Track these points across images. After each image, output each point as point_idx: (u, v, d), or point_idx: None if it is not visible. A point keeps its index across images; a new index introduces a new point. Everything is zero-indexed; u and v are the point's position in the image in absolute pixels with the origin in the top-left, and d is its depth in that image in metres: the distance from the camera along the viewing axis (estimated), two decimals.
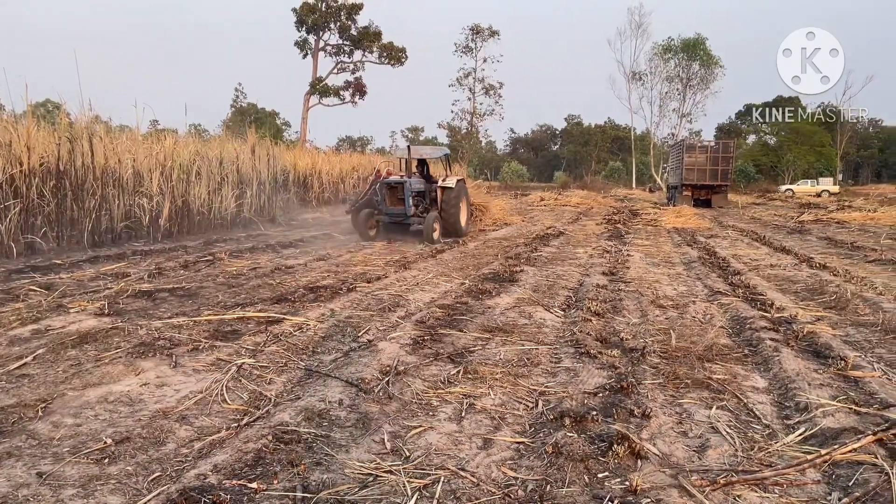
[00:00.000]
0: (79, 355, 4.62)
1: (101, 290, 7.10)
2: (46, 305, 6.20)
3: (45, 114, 18.22)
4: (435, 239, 12.77)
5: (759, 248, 12.57)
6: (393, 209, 13.12)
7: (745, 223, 19.99)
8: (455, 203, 13.65)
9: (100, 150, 11.95)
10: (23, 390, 3.88)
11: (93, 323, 5.54)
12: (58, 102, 13.80)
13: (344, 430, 3.43)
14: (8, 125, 10.79)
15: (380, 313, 6.29)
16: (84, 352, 4.71)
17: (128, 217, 12.32)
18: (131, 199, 12.45)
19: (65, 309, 6.08)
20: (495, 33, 65.13)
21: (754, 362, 4.91)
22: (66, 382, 4.03)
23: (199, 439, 3.28)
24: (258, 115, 67.47)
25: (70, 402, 3.70)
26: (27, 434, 3.26)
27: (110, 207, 11.86)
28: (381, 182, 13.32)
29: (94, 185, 11.52)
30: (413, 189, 13.10)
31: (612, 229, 16.73)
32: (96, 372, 4.24)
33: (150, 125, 27.64)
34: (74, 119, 12.22)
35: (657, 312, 6.61)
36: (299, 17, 47.60)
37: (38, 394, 3.81)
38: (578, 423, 3.51)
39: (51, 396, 3.75)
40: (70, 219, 11.04)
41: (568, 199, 32.34)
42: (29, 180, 10.26)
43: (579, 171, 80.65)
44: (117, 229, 11.98)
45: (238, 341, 5.09)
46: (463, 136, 68.52)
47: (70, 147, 11.18)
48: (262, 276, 8.40)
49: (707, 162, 28.82)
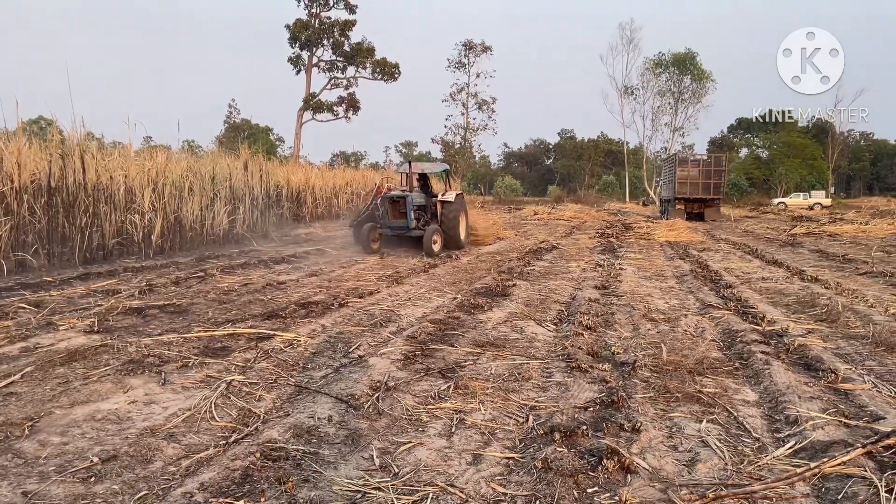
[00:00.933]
0: (67, 373, 4.59)
1: (92, 307, 7.07)
2: (35, 323, 6.17)
3: (38, 130, 18.22)
4: (435, 252, 13.12)
5: (752, 262, 12.61)
6: (395, 223, 13.50)
7: (738, 236, 20.06)
8: (455, 217, 14.07)
9: (92, 166, 11.94)
10: (10, 409, 3.85)
11: (82, 340, 5.52)
12: (50, 119, 13.81)
13: (333, 447, 3.41)
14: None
15: (371, 329, 6.27)
16: (72, 369, 4.68)
17: (119, 234, 12.29)
18: (123, 215, 12.42)
19: (54, 326, 6.05)
20: (488, 49, 65.64)
21: (745, 375, 4.91)
22: (53, 400, 4.00)
23: (187, 457, 3.25)
24: (252, 130, 67.69)
25: (57, 420, 3.67)
26: (13, 453, 3.23)
27: (102, 224, 11.83)
28: (384, 196, 13.73)
29: (86, 202, 11.50)
30: (414, 203, 13.56)
31: (605, 243, 16.76)
32: (84, 390, 4.21)
33: (142, 141, 27.71)
34: (67, 136, 12.22)
35: (649, 326, 6.61)
36: (292, 33, 47.83)
37: (25, 412, 3.78)
38: (568, 438, 3.50)
39: (38, 415, 3.73)
40: (61, 236, 11.01)
41: (561, 213, 32.44)
42: (20, 197, 10.24)
43: (573, 185, 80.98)
44: (109, 246, 11.94)
45: (228, 358, 5.07)
46: (456, 150, 68.74)
47: (62, 164, 11.17)
48: (254, 292, 8.38)
49: (700, 175, 28.97)
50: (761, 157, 73.68)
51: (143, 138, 26.61)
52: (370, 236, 13.61)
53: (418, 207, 13.86)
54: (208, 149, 38.57)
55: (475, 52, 65.94)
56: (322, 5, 48.16)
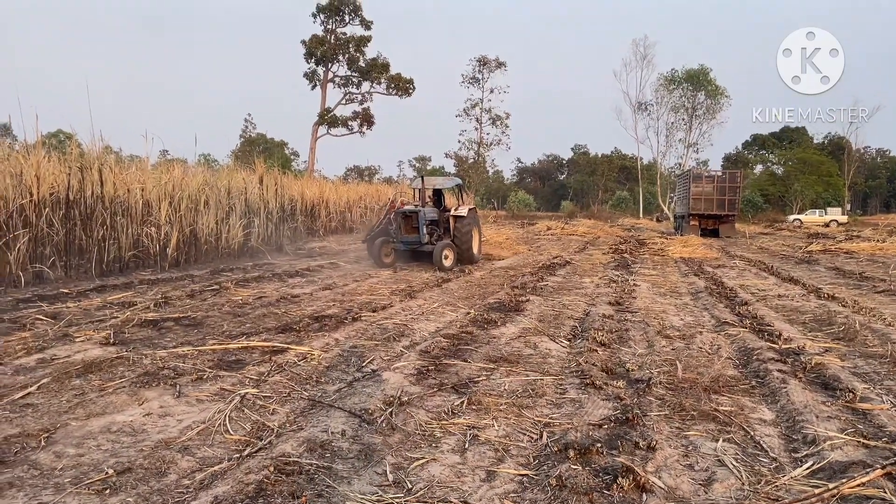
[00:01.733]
0: (83, 385, 4.62)
1: (108, 319, 7.13)
2: (52, 335, 6.22)
3: (58, 144, 18.45)
4: (447, 266, 13.13)
5: (767, 279, 12.51)
6: (408, 237, 13.61)
7: (753, 253, 19.92)
8: (467, 231, 14.07)
9: (109, 179, 12.07)
10: (26, 420, 3.88)
11: (98, 352, 5.55)
12: (69, 133, 13.98)
13: (346, 462, 3.41)
14: (18, 156, 10.93)
15: (384, 343, 6.27)
16: (88, 381, 4.71)
17: (136, 246, 12.39)
18: (139, 228, 12.53)
19: (70, 338, 6.09)
20: (502, 65, 66.04)
21: (762, 394, 4.87)
22: (69, 412, 4.03)
23: (201, 470, 3.26)
24: (267, 144, 68.28)
25: (73, 431, 3.69)
26: (29, 464, 3.25)
27: (118, 237, 11.94)
28: (396, 211, 13.86)
29: (103, 215, 11.61)
30: (427, 218, 13.66)
31: (619, 259, 16.70)
32: (100, 401, 4.24)
33: (159, 155, 27.98)
34: (85, 149, 12.36)
35: (663, 343, 6.57)
36: (309, 49, 48.36)
37: (41, 423, 3.80)
38: (583, 456, 3.47)
39: (54, 426, 3.75)
40: (78, 248, 11.12)
41: (575, 228, 32.36)
42: (39, 210, 10.35)
43: (586, 201, 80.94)
44: (125, 258, 12.04)
45: (242, 371, 5.08)
46: (470, 165, 68.95)
47: (80, 177, 11.29)
48: (268, 305, 8.41)
49: (714, 192, 28.82)
50: (776, 173, 73.35)
51: (160, 152, 26.95)
52: (382, 251, 13.76)
53: (431, 222, 13.94)
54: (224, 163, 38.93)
55: (489, 68, 66.40)
56: (338, 22, 48.67)
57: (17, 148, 12.02)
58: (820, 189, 65.12)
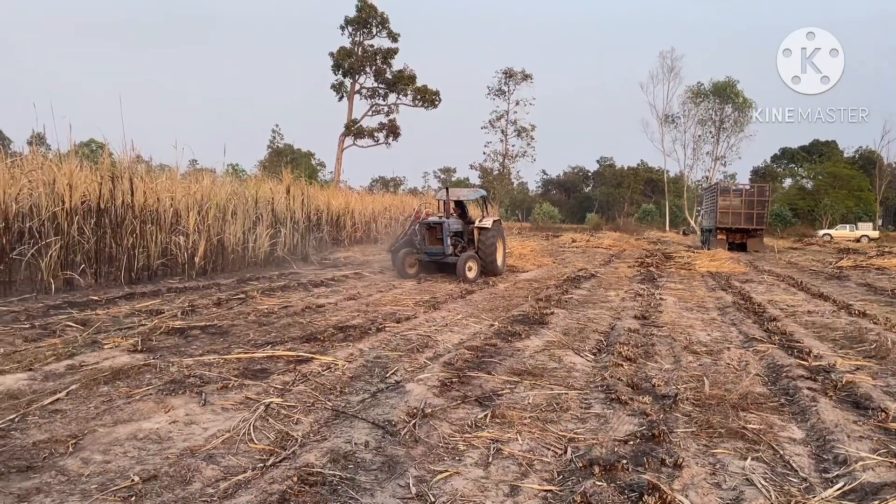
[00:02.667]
0: (111, 391, 4.68)
1: (136, 326, 7.22)
2: (81, 341, 6.31)
3: (90, 153, 18.79)
4: (470, 278, 13.11)
5: (796, 294, 12.31)
6: (432, 248, 13.63)
7: (782, 268, 19.63)
8: (492, 243, 13.96)
9: (140, 188, 12.26)
10: (55, 426, 3.93)
11: (126, 359, 5.62)
12: (101, 142, 14.23)
13: (369, 473, 3.40)
14: (52, 165, 11.15)
15: (408, 354, 6.27)
16: (116, 388, 4.77)
17: (164, 255, 12.56)
18: (168, 237, 12.70)
19: (99, 345, 6.18)
20: (528, 77, 66.07)
21: (791, 412, 4.78)
22: (97, 419, 4.08)
23: (226, 479, 3.28)
24: (294, 155, 68.89)
25: (100, 438, 3.74)
26: (57, 470, 3.29)
27: (147, 245, 12.10)
28: (421, 222, 13.89)
29: (133, 223, 11.79)
30: (451, 229, 13.66)
31: (645, 272, 16.55)
32: (127, 408, 4.29)
33: (189, 165, 28.37)
34: (117, 158, 12.58)
35: (690, 358, 6.48)
36: (336, 61, 48.78)
37: (69, 430, 3.85)
38: (608, 472, 3.43)
39: (82, 432, 3.80)
40: (108, 256, 11.29)
41: (600, 241, 32.14)
42: (70, 218, 10.54)
43: (612, 213, 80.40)
44: (153, 266, 12.20)
45: (267, 380, 5.11)
46: (495, 177, 68.97)
47: (111, 186, 11.48)
48: (293, 314, 8.45)
49: (742, 205, 28.46)
50: (806, 187, 72.28)
51: (189, 161, 27.26)
52: (406, 262, 13.81)
53: (455, 234, 13.93)
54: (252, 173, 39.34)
55: (515, 80, 66.52)
56: (365, 34, 49.07)
57: (50, 157, 12.25)
58: (850, 204, 64.02)
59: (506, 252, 15.68)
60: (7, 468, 3.27)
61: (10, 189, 10.02)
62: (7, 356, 5.61)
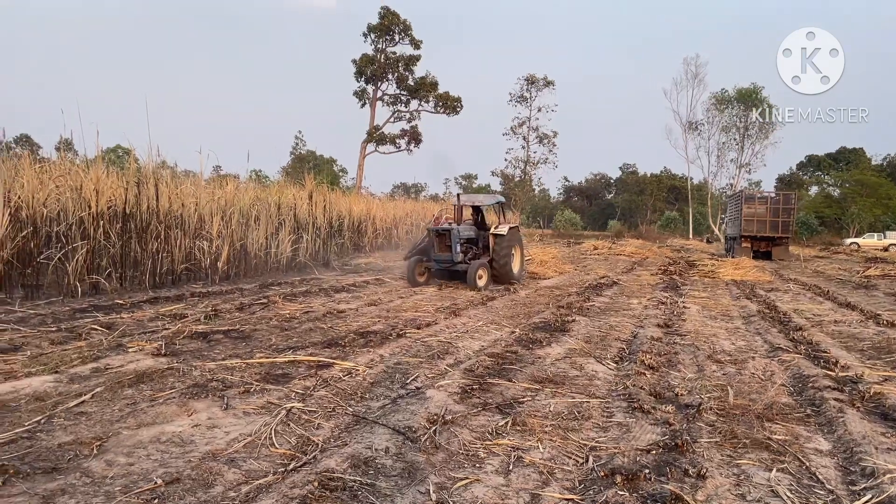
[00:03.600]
0: (135, 394, 4.73)
1: (159, 330, 7.29)
2: (107, 344, 6.39)
3: (116, 159, 19.07)
4: (480, 286, 12.83)
5: (823, 304, 12.13)
6: (441, 255, 13.26)
7: (808, 277, 19.35)
8: (506, 250, 13.70)
9: (165, 194, 12.41)
10: (80, 428, 3.97)
11: (149, 363, 5.68)
12: (128, 148, 14.42)
13: (389, 480, 3.40)
14: (79, 170, 11.32)
15: (429, 360, 6.27)
16: (140, 391, 4.82)
17: (188, 259, 12.69)
18: (192, 242, 12.83)
19: (124, 348, 6.26)
20: (550, 83, 65.90)
21: (817, 423, 4.70)
22: (121, 421, 4.12)
23: (247, 483, 3.29)
24: (316, 161, 69.38)
25: (124, 440, 3.77)
26: (81, 472, 3.32)
27: (172, 250, 12.24)
28: (430, 229, 13.64)
29: (158, 228, 11.93)
30: (462, 236, 13.40)
31: (668, 280, 16.41)
32: (150, 411, 4.33)
33: (213, 171, 28.69)
34: (142, 164, 12.74)
35: (714, 368, 6.41)
36: (359, 68, 49.14)
37: (94, 432, 3.90)
38: (630, 482, 3.40)
39: (106, 435, 3.84)
40: (133, 260, 11.43)
41: (622, 248, 31.90)
42: (96, 222, 10.69)
43: (634, 221, 79.95)
44: (178, 271, 12.33)
45: (288, 385, 5.14)
46: (516, 183, 68.87)
47: (136, 191, 11.63)
48: (314, 319, 8.49)
49: (767, 213, 28.11)
50: (832, 195, 71.28)
51: (214, 167, 27.60)
52: (416, 270, 13.53)
53: (466, 240, 13.73)
54: (275, 179, 39.70)
55: (537, 87, 66.35)
56: (388, 41, 49.36)
57: (77, 162, 12.44)
58: (878, 212, 63.02)
59: (524, 260, 15.38)
60: (33, 469, 3.31)
61: (39, 194, 10.19)
62: (34, 359, 5.69)
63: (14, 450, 3.57)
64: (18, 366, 5.41)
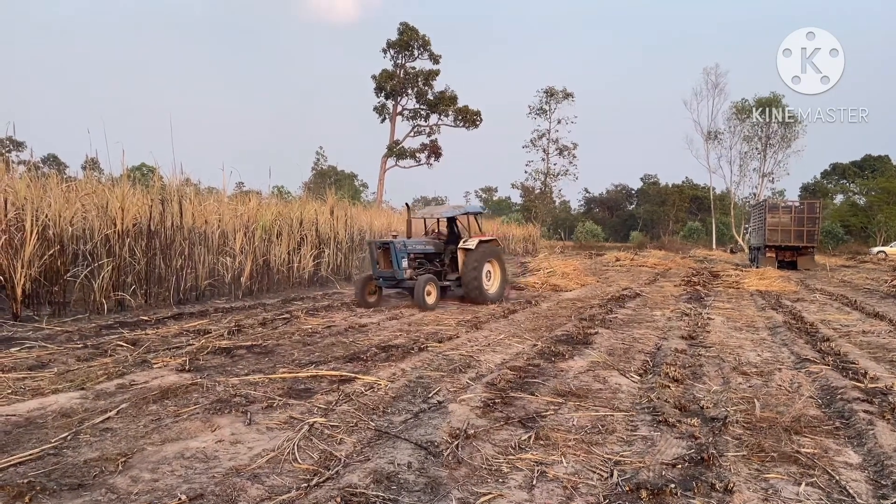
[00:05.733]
0: (159, 410, 4.77)
1: (184, 346, 7.36)
2: (132, 361, 6.46)
3: (140, 177, 19.33)
4: (430, 304, 11.59)
5: (850, 314, 11.93)
6: (385, 272, 12.05)
7: (834, 286, 19.06)
8: (476, 266, 12.36)
9: (189, 211, 12.56)
10: (105, 444, 4.01)
11: (174, 379, 5.73)
12: (152, 166, 14.64)
13: (412, 495, 3.38)
14: (105, 188, 11.50)
15: (450, 374, 6.25)
16: (164, 407, 4.86)
17: (211, 275, 12.81)
18: (215, 258, 12.97)
19: (149, 364, 6.32)
20: (569, 95, 65.87)
21: (847, 436, 4.61)
22: (146, 437, 4.15)
23: (270, 499, 3.29)
24: (337, 176, 69.90)
25: (149, 456, 3.80)
26: (107, 488, 3.35)
27: (196, 266, 12.37)
28: (371, 243, 12.56)
29: (182, 245, 12.06)
30: (411, 250, 12.32)
31: (692, 291, 16.25)
32: (175, 427, 4.36)
33: (235, 187, 29.00)
34: (167, 181, 12.92)
35: (740, 380, 6.32)
36: (378, 83, 49.53)
37: (119, 448, 3.93)
38: (656, 496, 3.35)
39: (131, 451, 3.87)
40: (158, 277, 11.56)
41: (644, 259, 31.66)
42: (122, 240, 10.83)
43: (656, 232, 79.34)
44: (201, 287, 12.45)
45: (311, 400, 5.15)
46: (537, 195, 68.75)
47: (161, 208, 11.78)
48: (336, 334, 8.52)
49: (792, 222, 27.79)
50: (858, 203, 70.23)
51: (236, 184, 27.85)
52: (366, 289, 12.09)
53: (417, 255, 12.56)
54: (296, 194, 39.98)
55: (556, 99, 66.34)
56: (407, 56, 49.72)
57: (103, 181, 12.64)
58: None
59: (505, 276, 13.70)
60: (59, 486, 3.34)
61: (66, 213, 10.36)
62: (60, 375, 5.76)
63: (41, 466, 3.61)
64: (45, 382, 5.49)
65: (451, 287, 12.92)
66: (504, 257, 14.24)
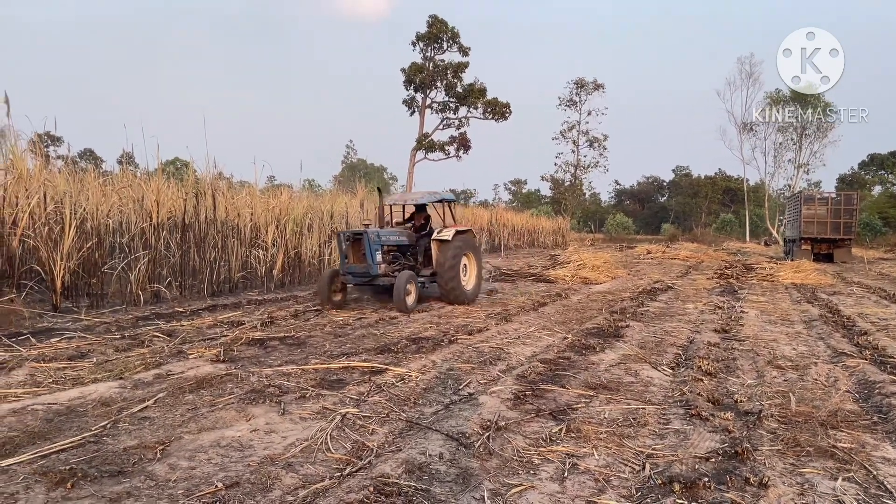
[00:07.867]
0: (195, 400, 4.86)
1: (218, 337, 7.48)
2: (168, 351, 6.58)
3: (174, 171, 19.64)
4: (410, 305, 10.13)
5: (889, 307, 11.68)
6: (356, 267, 10.47)
7: (872, 279, 18.66)
8: (454, 261, 10.80)
9: (222, 204, 12.74)
10: (144, 432, 4.10)
11: (209, 369, 5.83)
12: (186, 160, 14.85)
13: (444, 485, 3.41)
14: (140, 182, 11.70)
15: (481, 366, 6.26)
16: (200, 396, 4.95)
17: (244, 268, 12.98)
18: (248, 250, 13.14)
19: (184, 355, 6.44)
20: (600, 86, 65.26)
21: (885, 430, 4.52)
22: (182, 426, 4.24)
23: (304, 487, 3.34)
24: (367, 170, 70.20)
25: (186, 445, 3.88)
26: (146, 475, 3.43)
27: (229, 258, 12.55)
28: (339, 233, 11.01)
29: (216, 238, 12.24)
30: (385, 241, 10.76)
31: (725, 284, 16.04)
32: (210, 416, 4.44)
33: (267, 181, 29.32)
34: (200, 175, 13.12)
35: (774, 374, 6.23)
36: (408, 76, 49.52)
37: (157, 436, 4.01)
38: (689, 490, 3.33)
39: (169, 439, 3.95)
40: (192, 269, 11.74)
41: (676, 252, 31.29)
42: (157, 233, 11.02)
43: (688, 224, 78.33)
44: (234, 279, 12.62)
45: (343, 390, 5.20)
46: (566, 188, 68.33)
47: (195, 202, 11.96)
48: (367, 326, 8.58)
49: (828, 214, 27.24)
50: None
51: (268, 178, 28.19)
52: (331, 286, 10.55)
53: (392, 248, 11.11)
54: (327, 188, 40.29)
55: (587, 90, 65.78)
56: (436, 49, 49.62)
57: (138, 175, 12.88)
58: None
59: (481, 273, 12.19)
60: (100, 473, 3.42)
61: (102, 206, 10.59)
62: (100, 365, 5.90)
63: (82, 453, 3.71)
64: (85, 372, 5.62)
65: (426, 284, 11.33)
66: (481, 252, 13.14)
